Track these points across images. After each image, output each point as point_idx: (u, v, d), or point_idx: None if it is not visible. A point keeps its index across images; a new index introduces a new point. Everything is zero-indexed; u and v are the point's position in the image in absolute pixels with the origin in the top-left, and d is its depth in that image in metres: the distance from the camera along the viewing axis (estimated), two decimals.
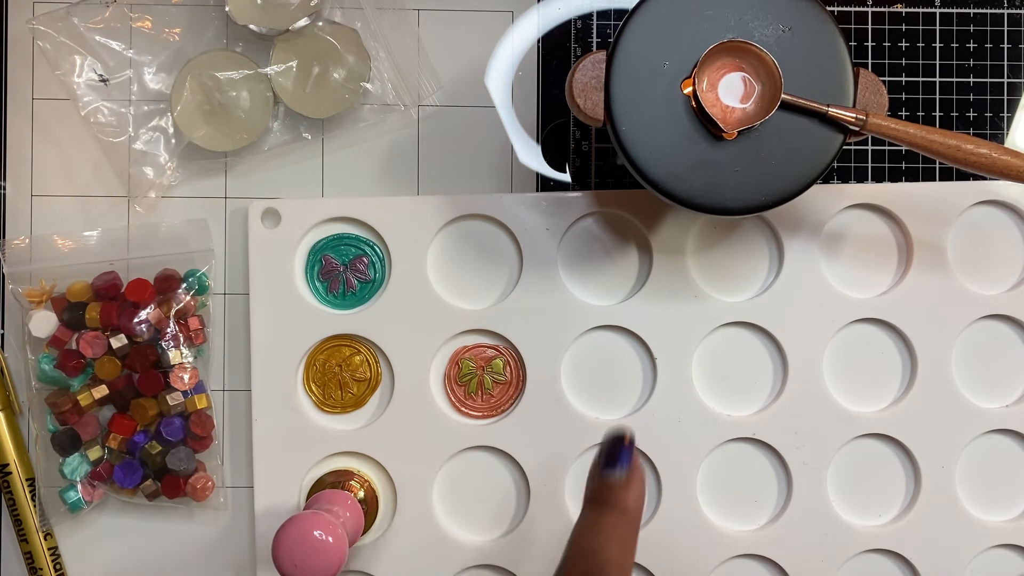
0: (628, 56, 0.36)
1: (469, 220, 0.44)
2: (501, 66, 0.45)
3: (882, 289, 0.45)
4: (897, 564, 0.45)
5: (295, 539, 0.36)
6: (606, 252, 0.45)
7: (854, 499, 0.45)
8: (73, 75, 0.44)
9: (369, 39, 0.44)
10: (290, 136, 0.44)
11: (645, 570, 0.44)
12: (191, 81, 0.43)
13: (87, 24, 0.44)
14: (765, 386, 0.45)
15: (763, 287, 0.45)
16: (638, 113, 0.36)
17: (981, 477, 0.45)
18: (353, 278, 0.44)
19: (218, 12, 0.44)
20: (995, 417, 0.45)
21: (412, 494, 0.44)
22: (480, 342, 0.44)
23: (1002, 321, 0.45)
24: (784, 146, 0.36)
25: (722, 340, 0.45)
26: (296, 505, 0.43)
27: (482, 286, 0.45)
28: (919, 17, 0.46)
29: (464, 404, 0.44)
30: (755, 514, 0.45)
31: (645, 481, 0.34)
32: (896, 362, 0.45)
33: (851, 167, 0.46)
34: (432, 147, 0.45)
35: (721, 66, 0.36)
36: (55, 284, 0.44)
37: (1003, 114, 0.46)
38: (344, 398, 0.44)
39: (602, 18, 0.46)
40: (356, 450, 0.44)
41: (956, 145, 0.35)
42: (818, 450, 0.44)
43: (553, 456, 0.44)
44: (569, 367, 0.44)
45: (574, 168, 0.46)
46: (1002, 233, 0.45)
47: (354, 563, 0.44)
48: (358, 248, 0.44)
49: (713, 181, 0.36)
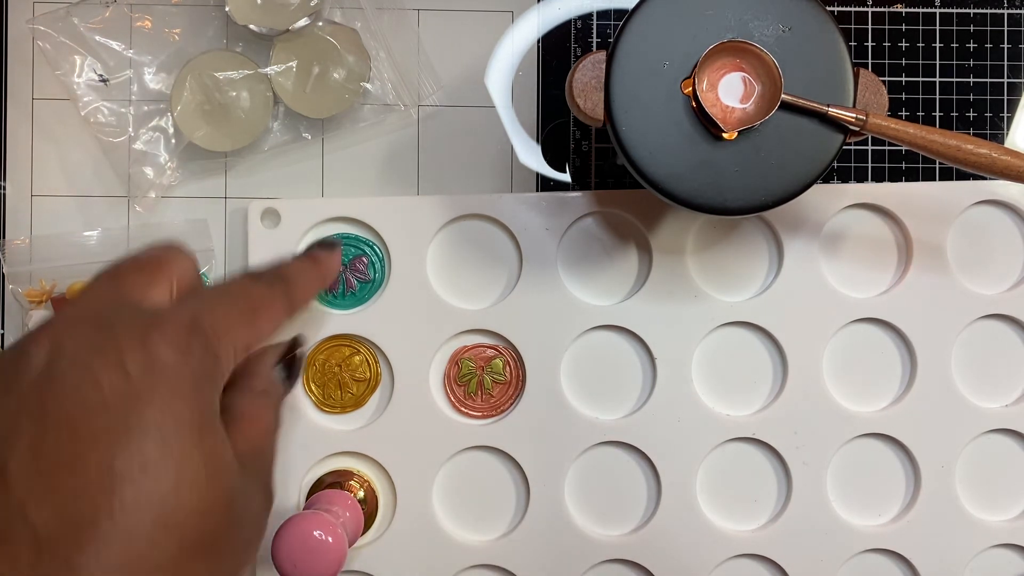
0: (628, 56, 0.36)
1: (469, 220, 0.44)
2: (501, 66, 0.45)
3: (882, 289, 0.45)
4: (897, 564, 0.45)
5: (295, 539, 0.36)
6: (606, 252, 0.45)
7: (854, 499, 0.45)
8: (73, 75, 0.44)
9: (369, 39, 0.44)
10: (290, 136, 0.44)
11: (645, 570, 0.44)
12: (191, 81, 0.43)
13: (87, 24, 0.44)
14: (765, 386, 0.45)
15: (763, 287, 0.45)
16: (638, 113, 0.36)
17: (981, 477, 0.45)
18: (353, 278, 0.44)
19: (218, 12, 0.44)
20: (995, 417, 0.45)
21: (412, 494, 0.44)
22: (480, 342, 0.44)
23: (1002, 321, 0.45)
24: (784, 146, 0.36)
25: (722, 340, 0.45)
26: (296, 505, 0.43)
27: (482, 286, 0.45)
28: (919, 17, 0.46)
29: (464, 404, 0.44)
30: (755, 514, 0.45)
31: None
32: (896, 362, 0.45)
33: (851, 167, 0.46)
34: (432, 147, 0.45)
35: (721, 66, 0.36)
36: (55, 284, 0.44)
37: (1003, 114, 0.46)
38: (344, 398, 0.44)
39: (602, 18, 0.46)
40: (356, 450, 0.44)
41: (956, 145, 0.35)
42: (818, 450, 0.44)
43: (553, 456, 0.44)
44: (569, 367, 0.44)
45: (574, 168, 0.46)
46: (1002, 233, 0.45)
47: (354, 563, 0.44)
48: (357, 248, 0.44)
49: (713, 181, 0.36)
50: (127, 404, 0.24)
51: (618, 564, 0.44)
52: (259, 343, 0.30)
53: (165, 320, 0.26)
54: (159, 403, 0.24)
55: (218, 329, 0.27)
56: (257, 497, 0.29)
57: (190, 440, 0.25)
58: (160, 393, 0.25)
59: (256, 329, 0.29)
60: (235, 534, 0.27)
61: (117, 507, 0.23)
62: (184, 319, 0.27)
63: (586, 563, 0.44)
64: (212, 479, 0.25)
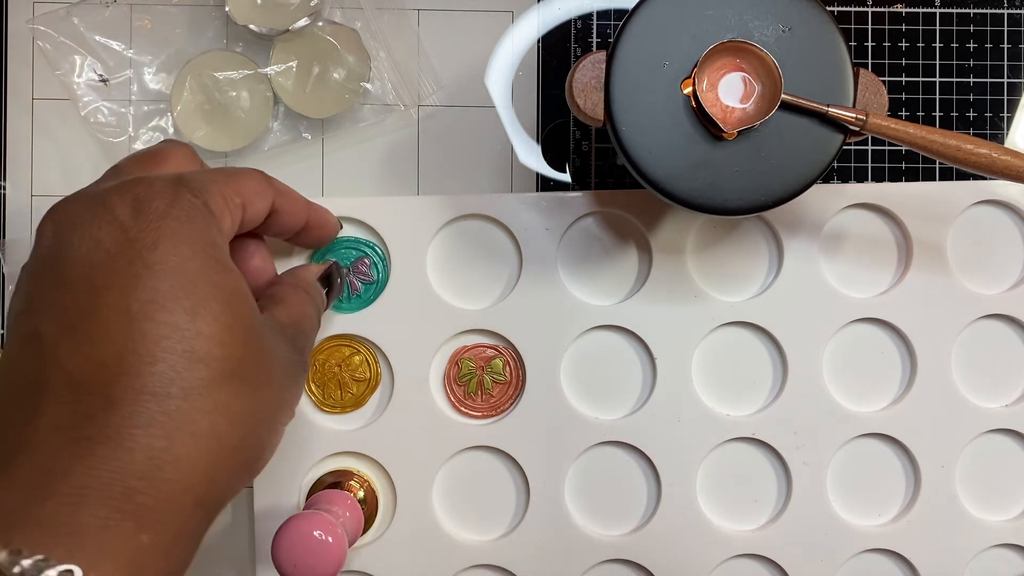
0: (628, 56, 0.36)
1: (469, 220, 0.44)
2: (501, 66, 0.45)
3: (882, 289, 0.45)
4: (897, 564, 0.45)
5: (294, 539, 0.36)
6: (606, 252, 0.45)
7: (854, 499, 0.45)
8: (73, 75, 0.44)
9: (369, 39, 0.44)
10: (290, 136, 0.44)
11: (645, 570, 0.44)
12: (191, 81, 0.43)
13: (87, 24, 0.44)
14: (765, 386, 0.45)
15: (763, 287, 0.45)
16: (638, 113, 0.36)
17: (981, 477, 0.45)
18: (357, 280, 0.44)
19: (218, 12, 0.44)
20: (995, 417, 0.45)
21: (412, 494, 0.44)
22: (480, 342, 0.44)
23: (1002, 321, 0.45)
24: (784, 146, 0.36)
25: (722, 340, 0.45)
26: (296, 505, 0.43)
27: (482, 286, 0.45)
28: (919, 17, 0.46)
29: (464, 404, 0.44)
30: (755, 514, 0.45)
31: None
32: (896, 362, 0.45)
33: (851, 167, 0.46)
34: (432, 147, 0.45)
35: (721, 66, 0.36)
36: None
37: (1003, 114, 0.46)
38: (344, 398, 0.44)
39: (602, 18, 0.46)
40: (356, 450, 0.44)
41: (956, 145, 0.35)
42: (818, 450, 0.44)
43: (553, 456, 0.44)
44: (569, 367, 0.44)
45: (574, 168, 0.46)
46: (1002, 233, 0.45)
47: (354, 563, 0.44)
48: (359, 250, 0.44)
49: (713, 181, 0.36)
50: (129, 251, 0.27)
51: (618, 564, 0.44)
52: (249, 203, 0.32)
53: (150, 179, 0.29)
54: (158, 245, 0.27)
55: (203, 181, 0.30)
56: (291, 354, 0.32)
57: (197, 273, 0.27)
58: (157, 237, 0.27)
59: (240, 186, 0.32)
60: (265, 369, 0.29)
61: (139, 341, 0.26)
62: (168, 176, 0.29)
63: (586, 563, 0.44)
64: (227, 307, 0.28)
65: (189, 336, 0.26)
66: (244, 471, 0.29)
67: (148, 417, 0.25)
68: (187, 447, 0.26)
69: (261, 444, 0.30)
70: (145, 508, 0.25)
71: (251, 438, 0.29)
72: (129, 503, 0.24)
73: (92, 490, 0.24)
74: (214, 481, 0.27)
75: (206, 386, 0.26)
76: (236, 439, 0.27)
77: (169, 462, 0.25)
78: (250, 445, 0.29)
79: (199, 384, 0.26)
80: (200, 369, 0.26)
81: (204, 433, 0.26)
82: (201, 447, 0.26)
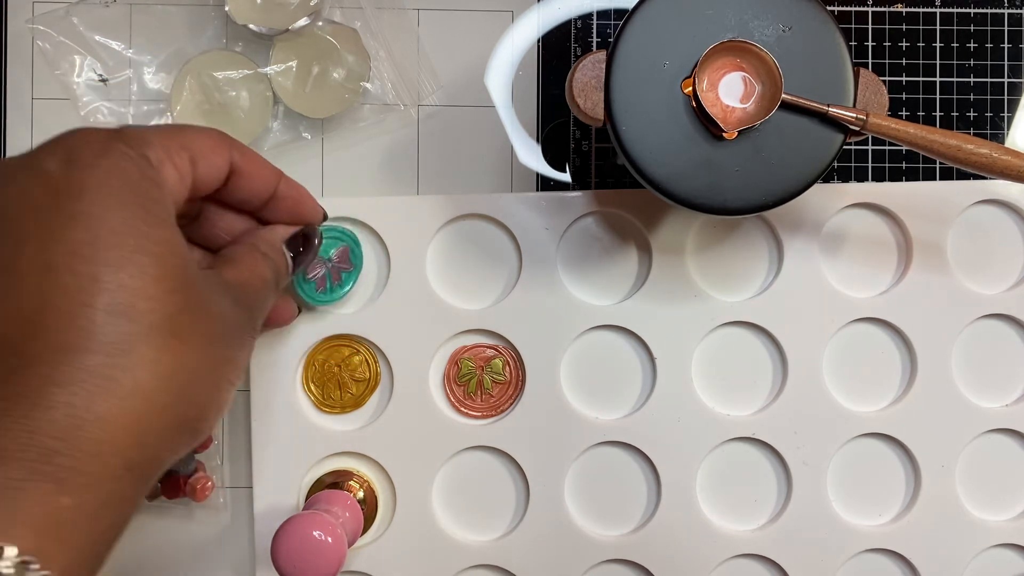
0: (628, 56, 0.36)
1: (469, 220, 0.44)
2: (501, 66, 0.45)
3: (882, 289, 0.45)
4: (897, 564, 0.45)
5: (294, 539, 0.36)
6: (606, 252, 0.45)
7: (854, 499, 0.45)
8: (73, 75, 0.44)
9: (369, 39, 0.44)
10: (290, 136, 0.44)
11: (645, 570, 0.44)
12: (191, 81, 0.43)
13: (87, 24, 0.44)
14: (765, 386, 0.45)
15: (763, 287, 0.45)
16: (638, 113, 0.36)
17: (981, 477, 0.45)
18: (339, 270, 0.43)
19: (218, 12, 0.44)
20: (995, 417, 0.45)
21: (411, 494, 0.44)
22: (479, 342, 0.44)
23: (1002, 321, 0.45)
24: (784, 146, 0.36)
25: (722, 340, 0.45)
26: (295, 505, 0.43)
27: (481, 286, 0.45)
28: (919, 17, 0.46)
29: (463, 404, 0.44)
30: (755, 514, 0.45)
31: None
32: (896, 362, 0.45)
33: (851, 167, 0.46)
34: (432, 147, 0.45)
35: (721, 66, 0.36)
36: None
37: (1003, 114, 0.46)
38: (343, 398, 0.44)
39: (602, 18, 0.46)
40: (355, 450, 0.44)
41: (956, 145, 0.35)
42: (818, 450, 0.44)
43: (553, 456, 0.44)
44: (569, 367, 0.44)
45: (574, 168, 0.46)
46: (1002, 233, 0.45)
47: (354, 563, 0.43)
48: (339, 239, 0.43)
49: (713, 181, 0.36)
50: (53, 202, 0.25)
51: (618, 564, 0.44)
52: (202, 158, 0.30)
53: (86, 130, 0.27)
54: (83, 196, 0.26)
55: (144, 133, 0.28)
56: (234, 311, 0.30)
57: (123, 224, 0.26)
58: (82, 187, 0.26)
59: (188, 139, 0.30)
60: (202, 326, 0.27)
61: (58, 295, 0.24)
62: (106, 130, 0.28)
63: (586, 563, 0.44)
64: (157, 260, 0.26)
65: (111, 289, 0.25)
66: (182, 431, 0.27)
67: (67, 374, 0.24)
68: (110, 405, 0.24)
69: (200, 403, 0.28)
70: (65, 469, 0.23)
71: (185, 396, 0.27)
72: (47, 464, 0.23)
73: (5, 451, 0.23)
74: (144, 442, 0.25)
75: (130, 341, 0.25)
76: (167, 397, 0.26)
77: (91, 421, 0.24)
78: (185, 403, 0.27)
79: (122, 339, 0.25)
80: (123, 323, 0.25)
81: (129, 391, 0.25)
82: (126, 405, 0.25)
